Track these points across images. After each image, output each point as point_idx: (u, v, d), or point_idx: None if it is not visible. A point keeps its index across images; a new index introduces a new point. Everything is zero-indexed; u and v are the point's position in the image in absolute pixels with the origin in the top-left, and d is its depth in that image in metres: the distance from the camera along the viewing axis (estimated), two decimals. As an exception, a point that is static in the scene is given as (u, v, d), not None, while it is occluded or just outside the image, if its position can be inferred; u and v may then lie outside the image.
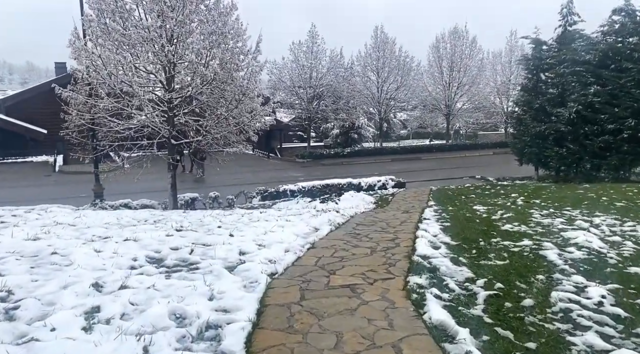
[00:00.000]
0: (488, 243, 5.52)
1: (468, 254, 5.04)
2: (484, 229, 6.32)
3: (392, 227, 6.79)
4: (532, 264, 4.63)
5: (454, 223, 6.95)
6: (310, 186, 17.52)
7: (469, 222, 6.98)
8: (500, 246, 5.38)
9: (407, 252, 5.15)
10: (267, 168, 28.18)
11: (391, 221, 7.49)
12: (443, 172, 24.58)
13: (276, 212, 9.35)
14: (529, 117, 20.40)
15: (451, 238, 5.84)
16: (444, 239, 5.78)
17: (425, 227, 6.55)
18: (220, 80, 13.58)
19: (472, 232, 6.12)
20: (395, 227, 6.78)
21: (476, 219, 7.28)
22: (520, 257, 4.87)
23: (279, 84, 31.96)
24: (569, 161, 18.78)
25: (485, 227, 6.49)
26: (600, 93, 17.80)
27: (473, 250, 5.22)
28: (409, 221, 7.43)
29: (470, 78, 33.79)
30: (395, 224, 7.13)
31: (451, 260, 4.80)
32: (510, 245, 5.38)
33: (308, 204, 13.13)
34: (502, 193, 12.85)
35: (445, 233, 6.18)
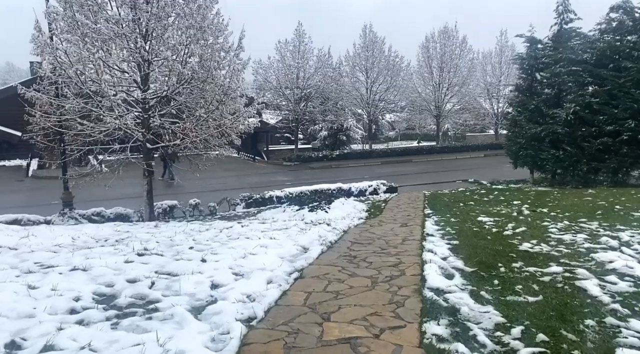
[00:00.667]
0: (510, 269, 4.62)
1: (490, 286, 4.13)
2: (499, 250, 5.43)
3: (392, 247, 5.86)
4: (572, 301, 3.73)
5: (463, 241, 6.05)
6: (298, 192, 16.58)
7: (480, 239, 6.08)
8: (525, 273, 4.48)
9: (416, 284, 4.22)
10: (253, 172, 27.14)
11: (390, 238, 6.56)
12: (435, 176, 23.82)
13: (259, 226, 8.37)
14: (523, 118, 19.69)
15: (464, 262, 4.93)
16: (456, 264, 4.87)
17: (432, 247, 5.64)
18: (200, 79, 12.58)
19: (486, 254, 5.22)
20: (397, 247, 5.85)
21: (486, 235, 6.39)
22: (555, 290, 3.98)
23: (265, 85, 30.93)
24: (565, 163, 18.08)
25: (500, 246, 5.60)
26: (599, 93, 17.14)
27: (494, 279, 4.32)
28: (411, 237, 6.51)
29: (460, 79, 33.16)
30: (395, 242, 6.20)
31: (471, 295, 3.89)
32: (538, 272, 4.49)
33: (296, 213, 12.17)
34: (503, 200, 12.05)
35: (455, 255, 5.28)
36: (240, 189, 21.17)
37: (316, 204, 12.58)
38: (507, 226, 7.10)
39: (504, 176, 22.46)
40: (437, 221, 8.32)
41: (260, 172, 27.15)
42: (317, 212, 12.08)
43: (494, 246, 5.58)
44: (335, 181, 21.83)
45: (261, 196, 16.56)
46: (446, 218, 8.72)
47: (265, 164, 31.86)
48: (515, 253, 5.25)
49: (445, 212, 10.13)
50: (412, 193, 17.29)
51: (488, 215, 8.73)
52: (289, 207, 12.88)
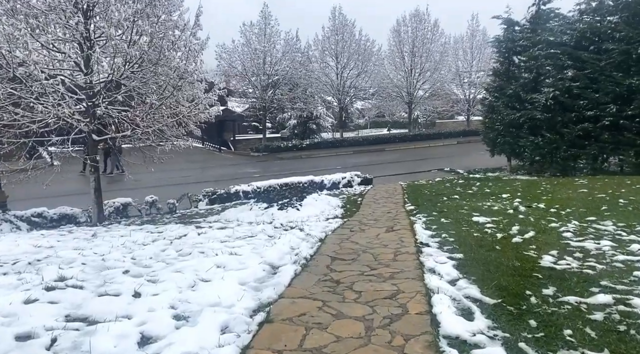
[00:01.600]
0: (543, 300, 3.51)
1: (528, 332, 3.00)
2: (517, 267, 4.33)
3: (384, 265, 4.67)
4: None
5: (468, 253, 4.93)
6: (266, 186, 15.26)
7: (488, 251, 4.98)
8: (566, 307, 3.38)
9: (427, 331, 3.05)
10: (218, 163, 25.53)
11: (378, 250, 5.37)
12: (409, 165, 22.91)
13: (220, 233, 7.04)
14: (501, 104, 18.93)
15: (480, 288, 3.80)
16: (470, 292, 3.73)
17: (432, 265, 4.49)
18: (151, 61, 11.00)
19: (505, 274, 4.11)
20: (389, 265, 4.66)
21: (493, 244, 5.29)
22: (620, 338, 2.88)
23: (230, 71, 29.13)
24: (544, 150, 17.45)
25: (516, 261, 4.50)
26: (579, 77, 16.47)
27: (529, 318, 3.19)
28: (403, 249, 5.34)
29: (432, 64, 32.29)
30: (386, 257, 5.01)
31: (508, 350, 2.74)
32: (582, 305, 3.39)
33: (264, 211, 10.87)
34: (489, 193, 11.11)
35: (466, 276, 4.14)
36: (204, 183, 19.63)
37: (286, 201, 11.31)
38: (512, 230, 6.04)
39: (480, 164, 21.78)
40: (427, 222, 7.20)
41: (226, 163, 25.57)
42: (288, 211, 10.82)
43: (509, 262, 4.48)
44: (306, 172, 20.58)
45: (226, 191, 15.14)
46: (435, 218, 7.63)
47: (231, 154, 30.22)
48: (540, 272, 4.16)
49: (431, 209, 9.07)
50: (388, 185, 16.25)
51: (482, 213, 7.69)
52: (256, 204, 11.56)
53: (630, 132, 15.35)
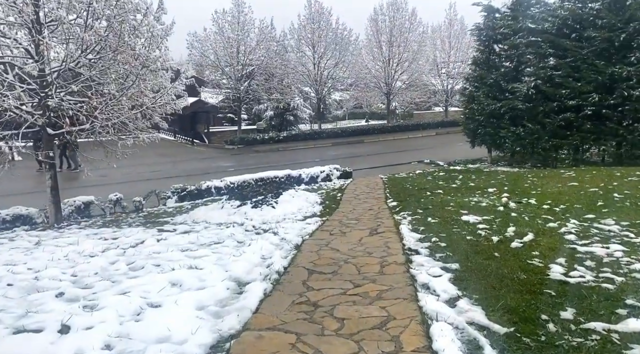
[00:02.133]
0: (563, 327, 2.89)
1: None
2: (524, 280, 3.71)
3: (369, 280, 3.99)
4: None
5: (464, 262, 4.30)
6: (240, 181, 14.45)
7: (486, 259, 4.36)
8: (594, 337, 2.76)
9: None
10: (190, 157, 24.48)
11: (362, 260, 4.68)
12: (389, 157, 22.37)
13: (183, 239, 6.25)
14: (482, 94, 18.49)
15: (486, 312, 3.16)
16: (475, 317, 3.09)
17: (426, 279, 3.84)
18: (110, 47, 10.04)
19: (512, 291, 3.49)
20: (375, 280, 3.98)
21: (491, 250, 4.68)
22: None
23: (203, 60, 27.93)
24: (526, 141, 17.10)
25: (521, 272, 3.89)
26: (561, 66, 16.12)
27: (551, 354, 2.56)
28: (390, 257, 4.67)
29: (411, 54, 31.74)
30: (371, 269, 4.33)
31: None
32: (612, 334, 2.78)
33: (236, 210, 10.09)
34: (474, 186, 10.58)
35: (467, 294, 3.51)
36: (175, 178, 18.66)
37: (261, 199, 10.54)
38: (508, 231, 5.45)
39: (459, 155, 21.40)
40: (413, 223, 6.57)
41: (199, 157, 24.54)
42: (263, 209, 10.07)
43: (513, 273, 3.86)
44: (283, 166, 19.83)
45: (197, 187, 14.26)
46: (421, 217, 7.02)
47: (205, 148, 29.14)
48: (552, 287, 3.55)
49: (416, 206, 8.46)
50: (368, 178, 15.64)
51: (471, 211, 7.10)
52: (228, 202, 10.75)
53: (612, 121, 15.09)
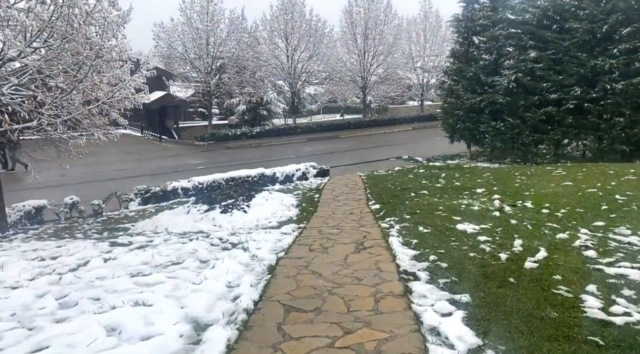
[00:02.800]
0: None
1: None
2: (555, 320, 2.97)
3: (363, 323, 3.14)
4: None
5: (475, 293, 3.53)
6: (210, 182, 13.44)
7: (501, 287, 3.60)
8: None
9: None
10: (158, 154, 23.17)
11: (349, 287, 3.85)
12: (366, 153, 21.66)
13: (134, 258, 5.29)
14: (461, 87, 17.93)
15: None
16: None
17: (435, 322, 3.05)
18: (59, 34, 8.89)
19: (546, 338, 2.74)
20: (370, 323, 3.14)
21: (505, 274, 3.90)
22: None
23: (170, 52, 26.49)
24: (506, 136, 16.63)
25: (550, 308, 3.15)
26: (542, 58, 15.67)
27: None
28: (384, 285, 3.85)
29: (386, 47, 31.03)
30: (363, 303, 3.47)
31: None
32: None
33: (204, 215, 9.13)
34: (459, 186, 9.91)
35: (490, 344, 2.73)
36: (140, 177, 17.47)
37: (231, 202, 9.60)
38: (514, 245, 4.72)
39: (437, 151, 20.88)
40: (403, 233, 5.80)
41: (167, 154, 23.25)
42: (233, 214, 9.16)
43: (541, 310, 3.11)
44: (256, 163, 18.85)
45: (162, 188, 13.18)
46: (411, 225, 6.26)
47: (174, 144, 27.78)
48: (596, 331, 2.80)
49: (402, 210, 7.71)
50: (346, 176, 14.87)
51: (464, 217, 6.39)
52: (195, 206, 9.76)
53: (593, 115, 14.74)
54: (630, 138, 14.16)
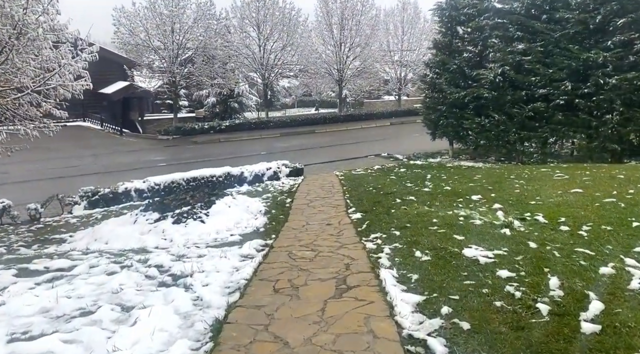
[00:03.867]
0: None
1: None
2: None
3: None
4: None
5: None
6: (168, 182, 11.90)
7: None
8: None
9: None
10: (117, 149, 21.29)
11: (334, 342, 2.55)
12: (343, 150, 20.39)
13: (30, 304, 3.83)
14: (444, 81, 16.82)
15: None
16: None
17: None
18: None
19: None
20: None
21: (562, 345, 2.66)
22: None
23: (132, 39, 24.47)
24: (491, 133, 15.62)
25: None
26: (530, 50, 14.68)
27: None
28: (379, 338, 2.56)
29: (363, 38, 29.74)
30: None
31: None
32: None
33: (153, 226, 7.67)
34: (451, 191, 8.74)
35: None
36: (93, 176, 15.73)
37: (187, 209, 8.15)
38: (551, 287, 3.50)
39: (416, 148, 19.79)
40: (396, 261, 4.54)
41: (127, 149, 21.38)
42: (188, 225, 7.73)
43: None
44: (224, 160, 17.33)
45: (113, 190, 11.56)
46: (404, 247, 5.01)
47: (135, 138, 25.80)
48: None
49: (388, 222, 6.47)
50: (322, 176, 13.57)
51: (467, 236, 5.17)
52: (144, 214, 8.26)
53: (584, 112, 13.85)
54: (622, 137, 13.34)
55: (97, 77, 30.93)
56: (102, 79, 31.77)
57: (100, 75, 31.94)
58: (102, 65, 32.10)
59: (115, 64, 28.10)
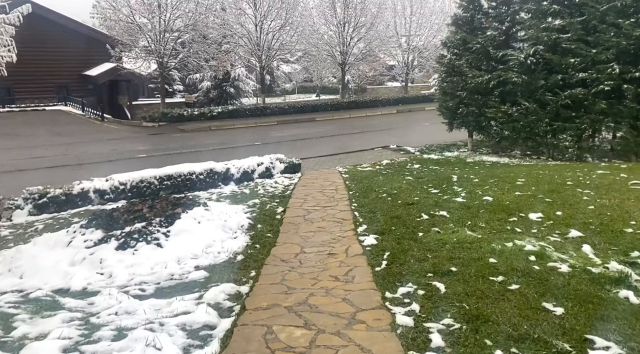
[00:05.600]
0: None
1: None
2: None
3: None
4: None
5: None
6: (136, 181, 9.83)
7: None
8: None
9: None
10: (95, 137, 19.10)
11: None
12: (346, 140, 18.23)
13: None
14: (465, 63, 14.58)
15: None
16: None
17: None
18: None
19: None
20: None
21: None
22: None
23: (114, 15, 22.04)
24: (519, 124, 13.44)
25: None
26: (570, 27, 12.44)
27: None
28: None
29: (369, 18, 27.31)
30: None
31: None
32: None
33: (89, 253, 5.59)
34: (494, 204, 6.62)
35: None
36: (61, 168, 13.64)
37: (141, 228, 6.03)
38: None
39: (429, 139, 17.63)
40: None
41: (106, 137, 19.19)
42: (138, 251, 5.62)
43: None
44: (211, 153, 15.26)
45: (66, 190, 9.40)
46: (468, 332, 2.88)
47: (117, 125, 23.52)
48: None
49: (420, 261, 4.41)
50: (322, 173, 11.49)
51: (567, 306, 3.07)
52: (84, 232, 6.14)
53: (633, 100, 11.66)
54: (681, 130, 11.19)
55: (81, 58, 28.60)
56: (87, 60, 29.51)
57: (85, 55, 29.71)
58: (86, 45, 29.93)
59: (102, 44, 25.84)
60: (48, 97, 28.54)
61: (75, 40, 28.03)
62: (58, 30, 27.44)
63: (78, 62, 29.12)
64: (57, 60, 28.14)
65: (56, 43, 27.45)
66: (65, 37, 27.79)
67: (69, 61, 28.73)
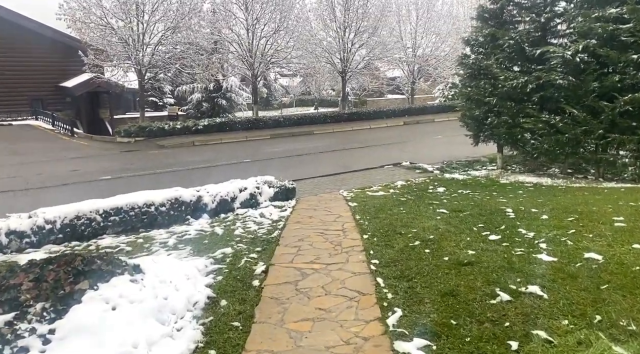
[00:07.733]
0: None
1: None
2: None
3: None
4: None
5: None
6: (71, 217, 7.25)
7: None
8: None
9: None
10: (55, 156, 16.41)
11: None
12: (350, 156, 15.66)
13: None
14: (494, 63, 12.07)
15: None
16: None
17: None
18: None
19: None
20: None
21: None
22: None
23: (85, 17, 19.50)
24: (565, 137, 10.83)
25: None
26: (632, 13, 9.94)
27: None
28: None
29: (372, 22, 24.97)
30: None
31: None
32: None
33: None
34: (607, 270, 3.96)
35: None
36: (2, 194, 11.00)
37: (10, 321, 3.40)
38: None
39: (445, 154, 15.07)
40: None
41: (70, 156, 16.52)
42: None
43: None
44: (191, 173, 12.69)
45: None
46: None
47: (88, 140, 20.79)
48: None
49: None
50: (323, 200, 8.89)
51: None
52: None
53: None
54: None
55: (58, 68, 25.85)
56: (64, 70, 26.97)
57: (62, 65, 27.19)
58: (63, 53, 27.36)
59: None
60: (21, 110, 26.02)
61: (50, 48, 25.63)
62: (29, 36, 25.04)
63: (54, 72, 26.67)
64: (29, 70, 25.71)
65: (28, 51, 25.04)
66: (39, 44, 25.37)
67: (44, 71, 26.28)
